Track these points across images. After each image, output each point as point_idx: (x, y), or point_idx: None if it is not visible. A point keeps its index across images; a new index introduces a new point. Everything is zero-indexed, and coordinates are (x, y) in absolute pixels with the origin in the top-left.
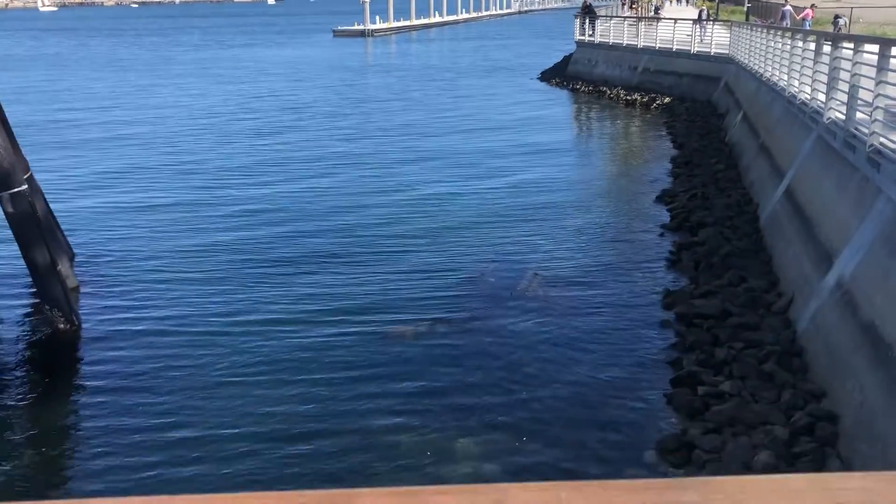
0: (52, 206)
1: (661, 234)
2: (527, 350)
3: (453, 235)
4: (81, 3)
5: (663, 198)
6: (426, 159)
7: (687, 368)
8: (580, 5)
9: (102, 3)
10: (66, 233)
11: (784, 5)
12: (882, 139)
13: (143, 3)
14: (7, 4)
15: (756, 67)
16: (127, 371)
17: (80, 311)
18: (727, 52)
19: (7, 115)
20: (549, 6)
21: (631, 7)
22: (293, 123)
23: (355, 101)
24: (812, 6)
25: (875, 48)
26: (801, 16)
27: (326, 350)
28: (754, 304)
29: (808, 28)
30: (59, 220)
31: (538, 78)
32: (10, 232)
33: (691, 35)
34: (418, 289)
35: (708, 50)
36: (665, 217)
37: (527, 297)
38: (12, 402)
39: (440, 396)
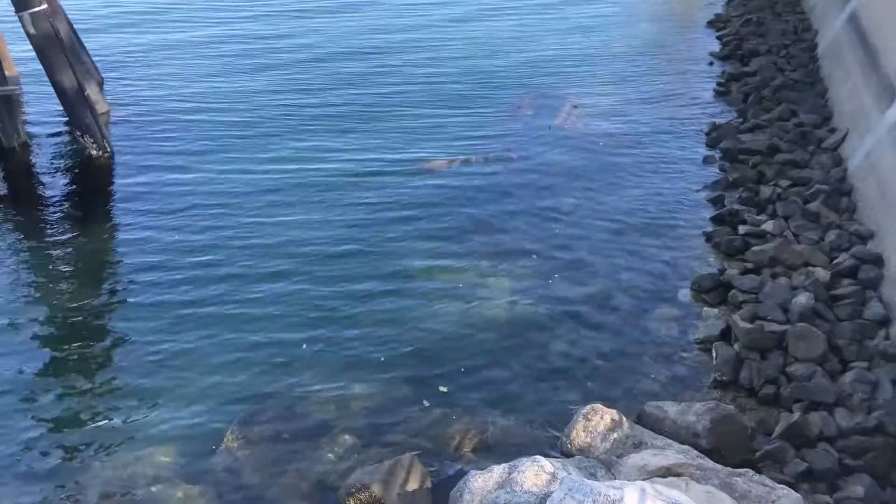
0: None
1: (711, 63)
2: (564, 183)
3: (489, 67)
4: None
5: (714, 23)
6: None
7: (729, 207)
8: None
9: None
10: (94, 59)
11: None
12: None
13: None
14: None
15: None
16: (162, 204)
17: (111, 137)
18: None
19: None
20: None
21: None
22: None
23: None
24: None
25: None
26: None
27: (365, 182)
28: (804, 139)
29: None
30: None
31: None
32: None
33: None
34: (454, 122)
35: None
36: (715, 45)
37: (565, 131)
38: (48, 235)
39: (475, 229)
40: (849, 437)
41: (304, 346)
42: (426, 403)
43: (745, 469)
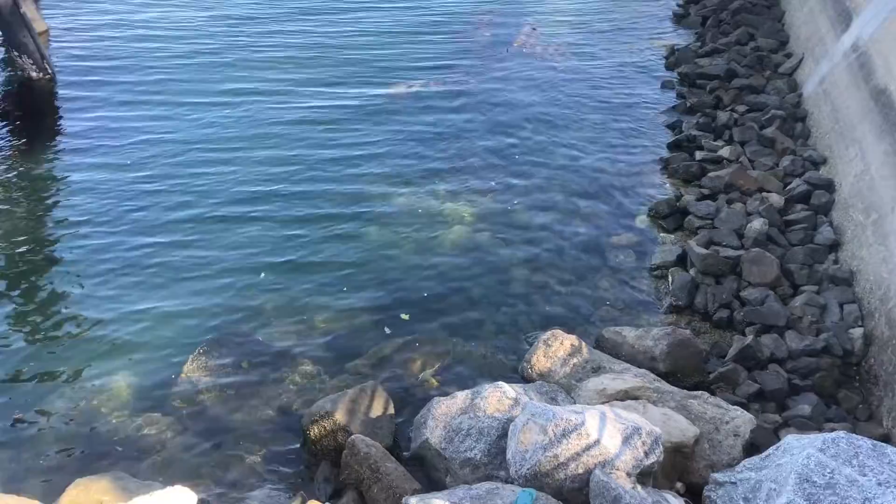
0: None
1: None
2: (522, 109)
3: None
4: None
5: None
6: None
7: (686, 132)
8: None
9: None
10: None
11: None
12: None
13: None
14: None
15: None
16: (108, 134)
17: (52, 59)
18: None
19: None
20: None
21: None
22: None
23: None
24: None
25: None
26: None
27: (322, 114)
28: (761, 64)
29: None
30: None
31: None
32: None
33: None
34: (413, 47)
35: None
36: None
37: (524, 55)
38: None
39: (434, 156)
40: (798, 359)
41: (262, 275)
42: (388, 331)
43: (700, 391)
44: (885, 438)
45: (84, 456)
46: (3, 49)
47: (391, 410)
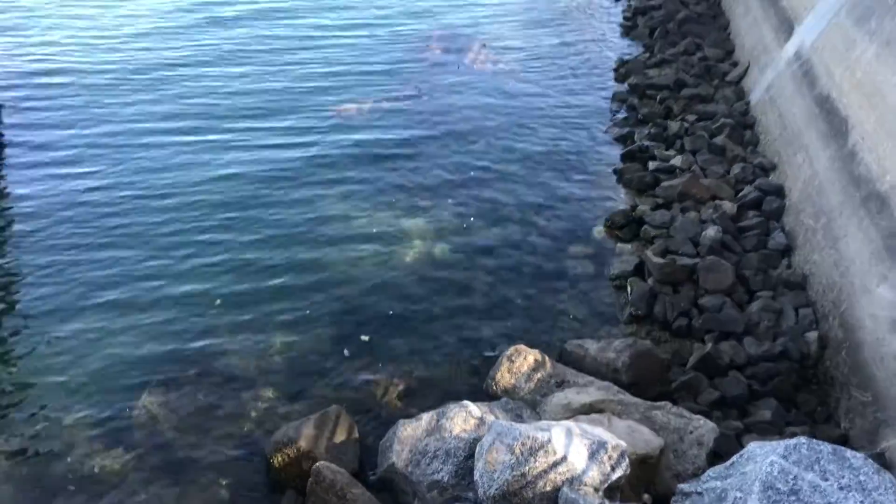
0: None
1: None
2: (475, 124)
3: (398, 6)
4: None
5: None
6: None
7: (639, 143)
8: None
9: None
10: None
11: None
12: None
13: None
14: None
15: None
16: (55, 155)
17: None
18: None
19: None
20: None
21: None
22: None
23: None
24: None
25: None
26: None
27: (274, 133)
28: (709, 73)
29: None
30: None
31: None
32: None
33: None
34: (364, 65)
35: None
36: None
37: (475, 71)
38: None
39: (388, 174)
40: (757, 364)
41: (219, 302)
42: (347, 353)
43: (663, 402)
44: (843, 439)
45: (38, 497)
46: None
47: (355, 435)
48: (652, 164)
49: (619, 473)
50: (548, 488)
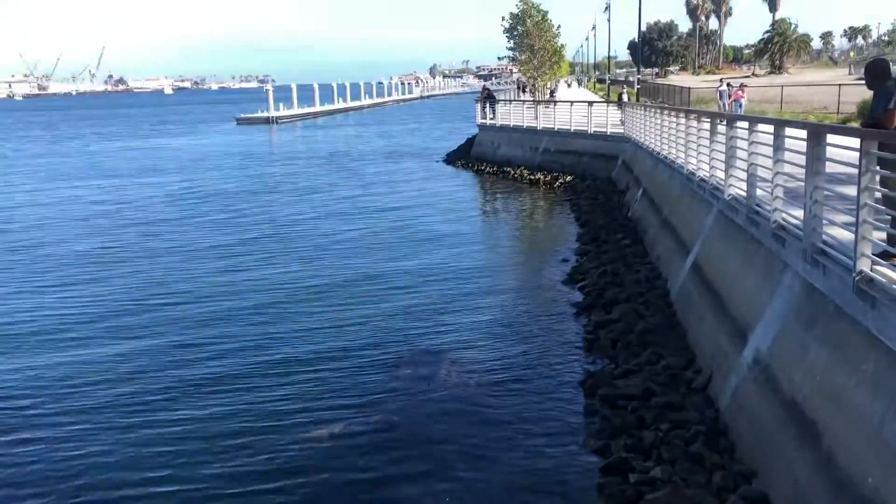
0: None
1: (576, 314)
2: (448, 446)
3: (361, 327)
4: None
5: (574, 275)
6: (326, 247)
7: (616, 455)
8: (480, 90)
9: None
10: None
11: (720, 85)
12: (784, 215)
13: (30, 94)
14: None
15: (652, 145)
16: None
17: None
18: (622, 131)
19: None
20: (449, 91)
21: (523, 91)
22: (184, 215)
23: (252, 191)
24: (742, 86)
25: (770, 128)
26: (731, 98)
27: (241, 457)
28: (675, 382)
29: (740, 111)
30: None
31: (443, 160)
32: None
33: (587, 116)
34: (328, 385)
35: (604, 130)
36: (577, 296)
37: (445, 388)
38: None
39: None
40: None
41: None
42: None
43: None
44: None
45: None
46: None
47: None
48: (632, 477)
49: None
50: None
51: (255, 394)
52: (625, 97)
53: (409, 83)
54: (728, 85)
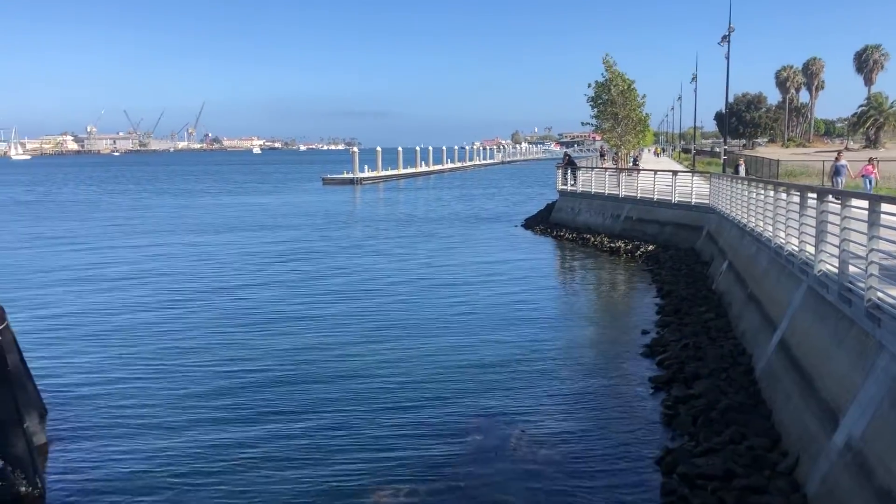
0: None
1: (655, 388)
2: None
3: (432, 390)
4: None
5: (653, 347)
6: (401, 314)
7: None
8: (562, 156)
9: (70, 150)
10: (37, 383)
11: (838, 159)
12: (880, 294)
13: (131, 150)
14: None
15: (738, 217)
16: None
17: (45, 472)
18: (707, 201)
19: None
20: (531, 157)
21: (603, 157)
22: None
23: (328, 252)
24: (872, 160)
25: (864, 203)
26: (859, 173)
27: None
28: (758, 463)
29: (869, 190)
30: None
31: (522, 225)
32: None
33: (671, 185)
34: (395, 447)
35: (689, 200)
36: (656, 370)
37: (514, 459)
38: None
39: None
40: None
41: None
42: None
43: None
44: None
45: None
46: None
47: None
48: None
49: None
50: None
51: (321, 452)
52: (741, 170)
53: (490, 148)
54: (869, 161)
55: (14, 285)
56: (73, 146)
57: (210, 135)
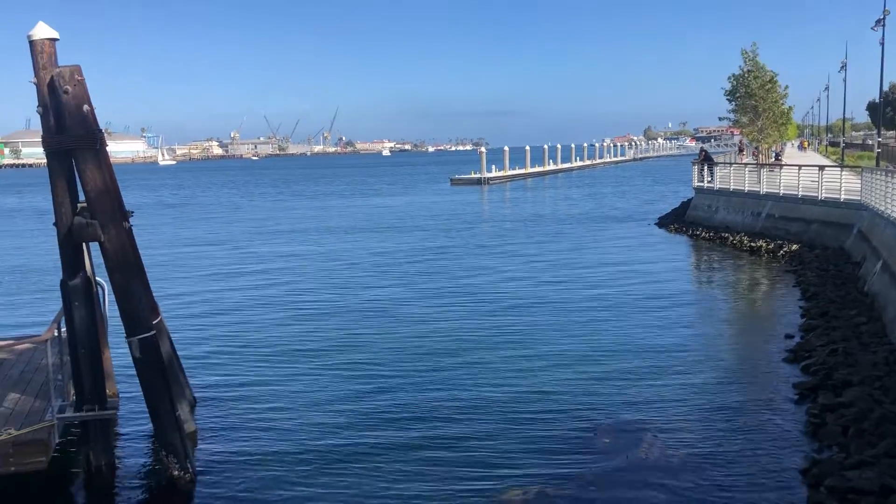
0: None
1: (799, 395)
2: None
3: (561, 390)
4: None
5: (798, 352)
6: (534, 312)
7: None
8: (697, 152)
9: (213, 155)
10: (186, 372)
11: None
12: None
13: (270, 154)
14: (133, 160)
15: None
16: None
17: (195, 459)
18: (858, 198)
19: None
20: (664, 153)
21: (741, 153)
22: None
23: (457, 252)
24: None
25: None
26: None
27: None
28: None
29: None
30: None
31: (656, 224)
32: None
33: (818, 181)
34: (525, 447)
35: (837, 196)
36: (800, 376)
37: (645, 466)
38: None
39: None
40: None
41: None
42: None
43: None
44: None
45: None
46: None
47: None
48: None
49: None
50: None
51: (450, 452)
52: None
53: (621, 145)
54: None
55: (165, 282)
56: (218, 151)
57: (343, 138)
